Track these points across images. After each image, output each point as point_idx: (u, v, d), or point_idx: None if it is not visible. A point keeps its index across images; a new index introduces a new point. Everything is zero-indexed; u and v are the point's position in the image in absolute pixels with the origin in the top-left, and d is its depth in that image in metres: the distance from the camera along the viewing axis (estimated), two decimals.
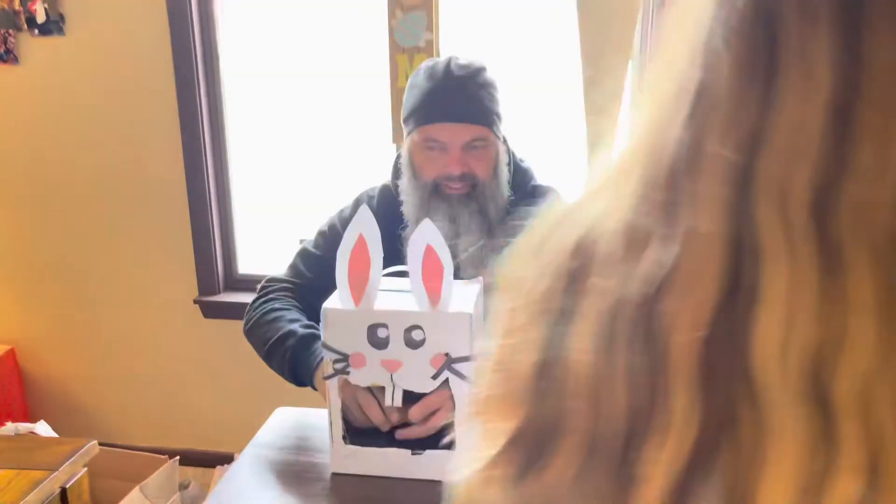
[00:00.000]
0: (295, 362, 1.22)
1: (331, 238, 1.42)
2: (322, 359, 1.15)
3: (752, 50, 0.27)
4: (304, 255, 1.44)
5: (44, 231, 2.37)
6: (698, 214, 0.28)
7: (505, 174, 1.36)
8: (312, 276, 1.40)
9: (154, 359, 2.42)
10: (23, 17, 2.13)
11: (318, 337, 1.23)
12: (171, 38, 2.11)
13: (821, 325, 0.26)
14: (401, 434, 1.07)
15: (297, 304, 1.36)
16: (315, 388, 1.21)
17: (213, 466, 2.42)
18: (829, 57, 0.26)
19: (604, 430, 0.29)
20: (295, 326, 1.26)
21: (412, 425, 1.07)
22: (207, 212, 2.24)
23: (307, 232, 1.51)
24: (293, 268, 1.43)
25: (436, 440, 1.07)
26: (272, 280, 1.42)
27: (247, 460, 1.12)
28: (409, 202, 1.35)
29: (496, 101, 1.31)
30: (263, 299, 1.37)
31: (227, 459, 2.39)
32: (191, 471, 2.43)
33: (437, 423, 1.04)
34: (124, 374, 2.46)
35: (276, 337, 1.26)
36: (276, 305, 1.34)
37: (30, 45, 2.19)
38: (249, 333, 1.34)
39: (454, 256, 1.30)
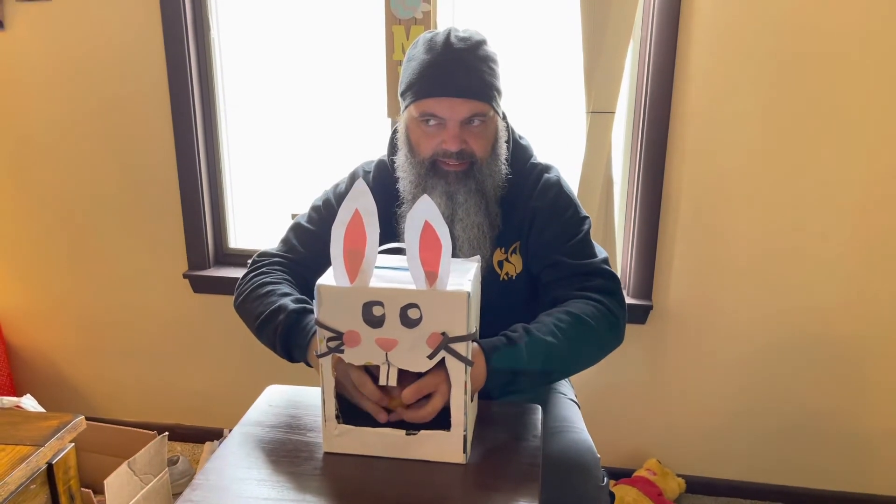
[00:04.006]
0: (287, 337, 1.19)
1: (325, 213, 1.39)
2: (314, 333, 1.13)
3: None
4: (297, 229, 1.41)
5: (29, 201, 2.32)
6: None
7: (503, 151, 1.33)
8: (306, 251, 1.37)
9: (142, 333, 2.40)
10: None
11: (310, 311, 1.20)
12: (160, 1, 2.05)
13: None
14: (396, 418, 1.05)
15: (289, 278, 1.34)
16: (309, 364, 1.19)
17: (203, 442, 2.41)
18: None
19: None
20: (287, 301, 1.23)
21: (408, 407, 1.05)
22: (197, 184, 2.20)
23: (300, 206, 1.48)
24: (286, 242, 1.41)
25: (431, 420, 1.05)
26: (264, 254, 1.39)
27: (236, 439, 1.10)
28: (405, 179, 1.32)
29: (496, 75, 1.28)
30: (255, 273, 1.34)
31: (216, 435, 2.38)
32: (179, 446, 2.42)
33: (434, 408, 1.02)
34: (112, 348, 2.43)
35: (268, 311, 1.23)
36: (269, 279, 1.31)
37: (15, 10, 2.13)
38: (240, 307, 1.32)
39: (451, 234, 1.28)
